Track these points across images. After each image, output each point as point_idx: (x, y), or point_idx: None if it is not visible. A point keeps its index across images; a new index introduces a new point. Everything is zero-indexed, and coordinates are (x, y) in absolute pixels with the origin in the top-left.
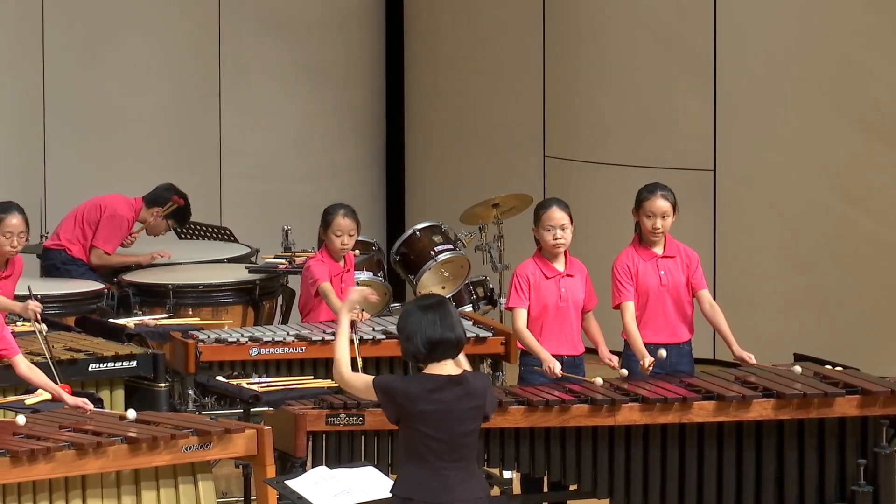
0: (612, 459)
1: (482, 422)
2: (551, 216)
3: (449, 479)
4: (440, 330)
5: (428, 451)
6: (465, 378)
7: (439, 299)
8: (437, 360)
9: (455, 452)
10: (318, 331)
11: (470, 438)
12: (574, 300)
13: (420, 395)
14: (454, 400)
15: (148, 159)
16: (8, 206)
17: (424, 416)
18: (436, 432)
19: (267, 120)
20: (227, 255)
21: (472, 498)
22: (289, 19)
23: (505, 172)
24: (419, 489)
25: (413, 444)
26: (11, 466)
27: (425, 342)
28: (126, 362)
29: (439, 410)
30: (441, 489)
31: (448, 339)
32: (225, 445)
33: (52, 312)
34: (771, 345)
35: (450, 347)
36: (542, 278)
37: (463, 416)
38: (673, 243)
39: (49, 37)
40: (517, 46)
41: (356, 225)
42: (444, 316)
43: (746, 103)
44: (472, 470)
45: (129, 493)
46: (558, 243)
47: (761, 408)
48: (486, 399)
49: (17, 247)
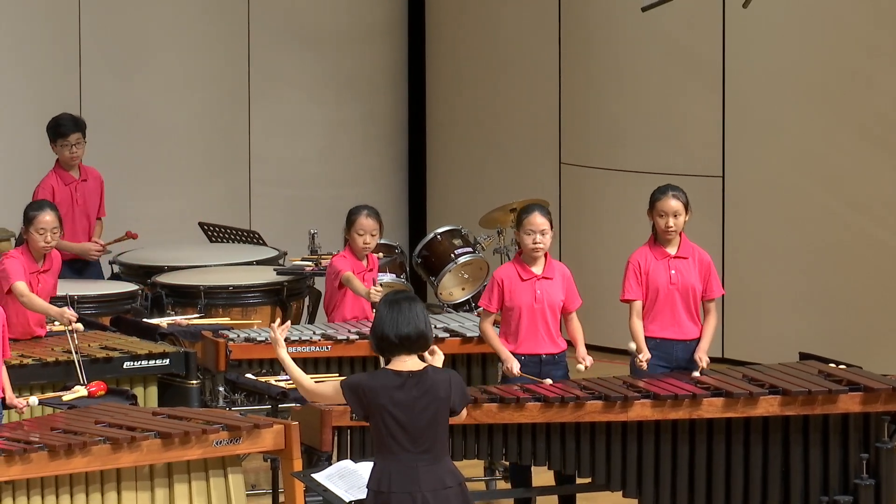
0: (624, 454)
1: (449, 415)
2: (532, 221)
3: (417, 470)
4: (401, 325)
5: (394, 443)
6: (426, 373)
7: (407, 295)
8: (398, 353)
9: (420, 444)
10: (344, 330)
11: (434, 430)
12: (550, 301)
13: (382, 389)
14: (415, 393)
15: (180, 166)
16: (41, 204)
17: (387, 409)
18: (399, 424)
19: (294, 128)
20: (256, 257)
21: (440, 487)
22: (316, 32)
23: (522, 178)
24: (388, 480)
25: (381, 438)
26: (49, 460)
27: (387, 336)
28: (159, 360)
29: (400, 403)
30: (408, 479)
31: (408, 334)
32: (254, 440)
33: (89, 312)
34: (777, 343)
35: (411, 342)
36: (518, 280)
37: (424, 408)
38: (688, 245)
39: (85, 50)
40: (534, 58)
41: (378, 225)
42: (408, 311)
43: (754, 112)
44: (441, 460)
45: (162, 486)
46: (537, 247)
47: (768, 404)
48: (452, 393)
49: (50, 242)
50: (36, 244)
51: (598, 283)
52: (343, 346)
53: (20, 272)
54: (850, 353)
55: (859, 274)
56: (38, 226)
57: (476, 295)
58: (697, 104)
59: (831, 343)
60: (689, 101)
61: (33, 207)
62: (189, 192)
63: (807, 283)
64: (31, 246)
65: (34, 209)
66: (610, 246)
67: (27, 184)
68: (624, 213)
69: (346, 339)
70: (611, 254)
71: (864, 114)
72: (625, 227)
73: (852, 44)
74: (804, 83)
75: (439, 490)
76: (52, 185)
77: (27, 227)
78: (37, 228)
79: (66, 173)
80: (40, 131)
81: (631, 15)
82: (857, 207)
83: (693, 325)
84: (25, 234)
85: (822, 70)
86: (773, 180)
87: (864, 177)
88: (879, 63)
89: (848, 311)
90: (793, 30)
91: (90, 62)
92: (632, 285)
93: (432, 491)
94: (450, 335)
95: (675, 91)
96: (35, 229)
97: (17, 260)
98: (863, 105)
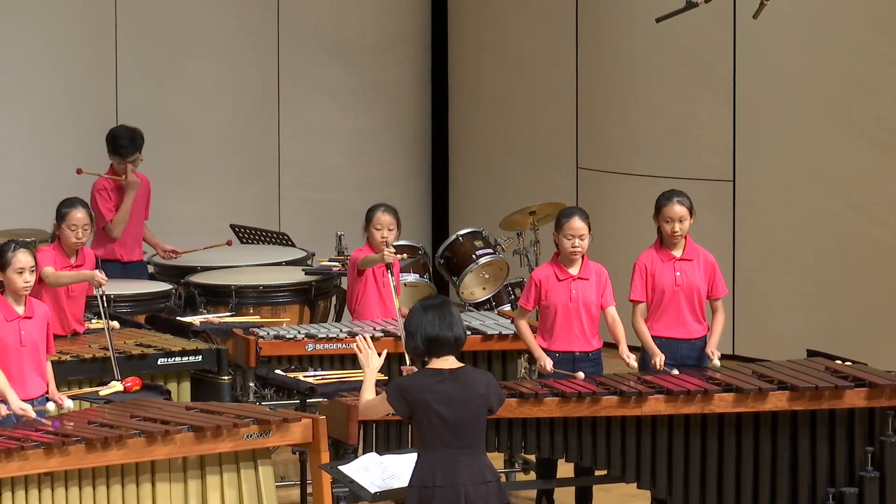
0: (639, 447)
1: (487, 414)
2: (572, 226)
3: (458, 464)
4: (438, 329)
5: (436, 439)
6: (465, 370)
7: (442, 300)
8: (436, 355)
9: (461, 439)
10: (369, 328)
11: (474, 425)
12: (585, 301)
13: (425, 385)
14: (456, 389)
15: (213, 171)
16: (73, 202)
17: (431, 404)
18: (442, 419)
19: (322, 134)
20: (285, 258)
21: (480, 481)
22: (343, 41)
23: (541, 182)
24: (432, 475)
25: (424, 434)
26: (86, 453)
27: (424, 339)
28: (192, 357)
29: (443, 398)
30: (451, 474)
31: (446, 337)
32: (283, 433)
33: (124, 311)
34: (785, 341)
35: (447, 345)
36: (555, 280)
37: (465, 403)
38: (693, 247)
39: (122, 59)
40: (552, 67)
41: (396, 221)
42: (443, 316)
43: (763, 119)
44: (480, 455)
45: (195, 478)
46: (575, 251)
47: (777, 399)
48: (489, 392)
49: (81, 238)
50: (67, 240)
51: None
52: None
53: (50, 263)
54: (855, 351)
55: (864, 274)
56: (69, 222)
57: (496, 294)
58: (709, 111)
59: (837, 341)
60: (701, 108)
61: (65, 204)
62: (221, 196)
63: (814, 282)
64: (62, 242)
65: (66, 206)
66: (624, 246)
67: (65, 189)
68: (638, 216)
69: (372, 336)
70: (625, 254)
71: (868, 120)
72: (639, 228)
73: (857, 53)
74: (811, 91)
75: (480, 484)
76: (107, 187)
77: (59, 224)
78: (68, 224)
79: (118, 180)
80: (79, 137)
81: (645, 26)
82: (862, 210)
83: (697, 324)
84: (57, 231)
85: (828, 78)
86: (781, 184)
87: (869, 181)
88: (884, 71)
89: (853, 309)
90: (801, 40)
91: (126, 71)
92: (638, 287)
93: (473, 485)
94: (471, 333)
95: (687, 98)
96: (67, 225)
97: (49, 254)
98: (867, 112)
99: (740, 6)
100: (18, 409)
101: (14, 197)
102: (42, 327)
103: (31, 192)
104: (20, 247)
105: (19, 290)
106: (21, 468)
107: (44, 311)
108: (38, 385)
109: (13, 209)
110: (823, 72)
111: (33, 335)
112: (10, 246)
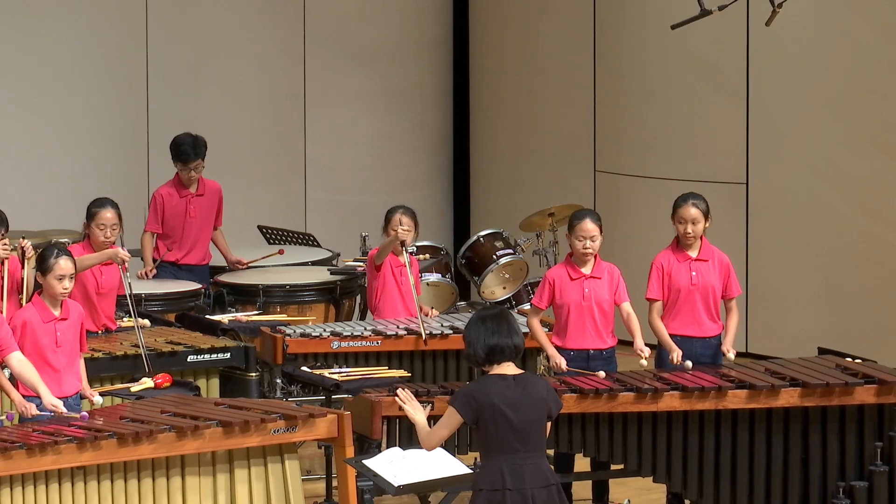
0: (654, 442)
1: (547, 419)
2: (583, 227)
3: (524, 468)
4: (497, 337)
5: (503, 443)
6: (527, 376)
7: (500, 310)
8: (496, 362)
9: (527, 443)
10: (392, 326)
11: (538, 429)
12: (597, 299)
13: (493, 391)
14: (520, 393)
15: (241, 174)
16: (102, 202)
17: (499, 407)
18: (509, 423)
19: (347, 138)
20: (311, 258)
21: (545, 484)
22: (367, 48)
23: (559, 185)
24: (501, 478)
25: (490, 439)
26: (118, 447)
27: (484, 347)
28: (221, 354)
29: (509, 402)
30: (519, 477)
31: (505, 344)
32: (309, 428)
33: (155, 309)
34: (797, 339)
35: (508, 352)
36: (568, 280)
37: (528, 408)
38: (708, 248)
39: (152, 65)
40: (570, 73)
41: (413, 222)
42: (501, 324)
43: (775, 124)
44: (543, 459)
45: (223, 472)
46: (586, 252)
47: (789, 396)
48: (549, 398)
49: (110, 237)
50: (96, 239)
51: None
52: (392, 340)
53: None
54: (865, 348)
55: (873, 274)
56: (98, 221)
57: (516, 294)
58: (723, 116)
59: (848, 339)
60: (715, 113)
61: (95, 204)
62: (249, 198)
63: (824, 282)
64: (92, 241)
65: (96, 206)
66: (641, 248)
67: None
68: (653, 217)
69: (395, 334)
70: (642, 255)
71: (877, 125)
72: (654, 229)
73: (866, 60)
74: (822, 96)
75: (544, 487)
76: (164, 194)
77: (89, 223)
78: (97, 224)
79: (182, 187)
80: (110, 142)
81: (661, 32)
82: (871, 212)
83: (712, 323)
84: (87, 230)
85: (838, 84)
86: (793, 187)
87: (878, 183)
88: (891, 77)
89: (863, 308)
90: (812, 47)
91: (157, 77)
92: (655, 286)
93: (539, 488)
94: None
95: (702, 103)
96: (96, 224)
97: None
98: (876, 116)
99: (753, 14)
100: (50, 404)
101: (49, 199)
102: (76, 328)
103: (64, 195)
104: (63, 253)
105: (57, 296)
106: (54, 462)
107: (78, 311)
108: (73, 384)
109: (48, 211)
110: (833, 78)
111: (69, 336)
112: (53, 252)
